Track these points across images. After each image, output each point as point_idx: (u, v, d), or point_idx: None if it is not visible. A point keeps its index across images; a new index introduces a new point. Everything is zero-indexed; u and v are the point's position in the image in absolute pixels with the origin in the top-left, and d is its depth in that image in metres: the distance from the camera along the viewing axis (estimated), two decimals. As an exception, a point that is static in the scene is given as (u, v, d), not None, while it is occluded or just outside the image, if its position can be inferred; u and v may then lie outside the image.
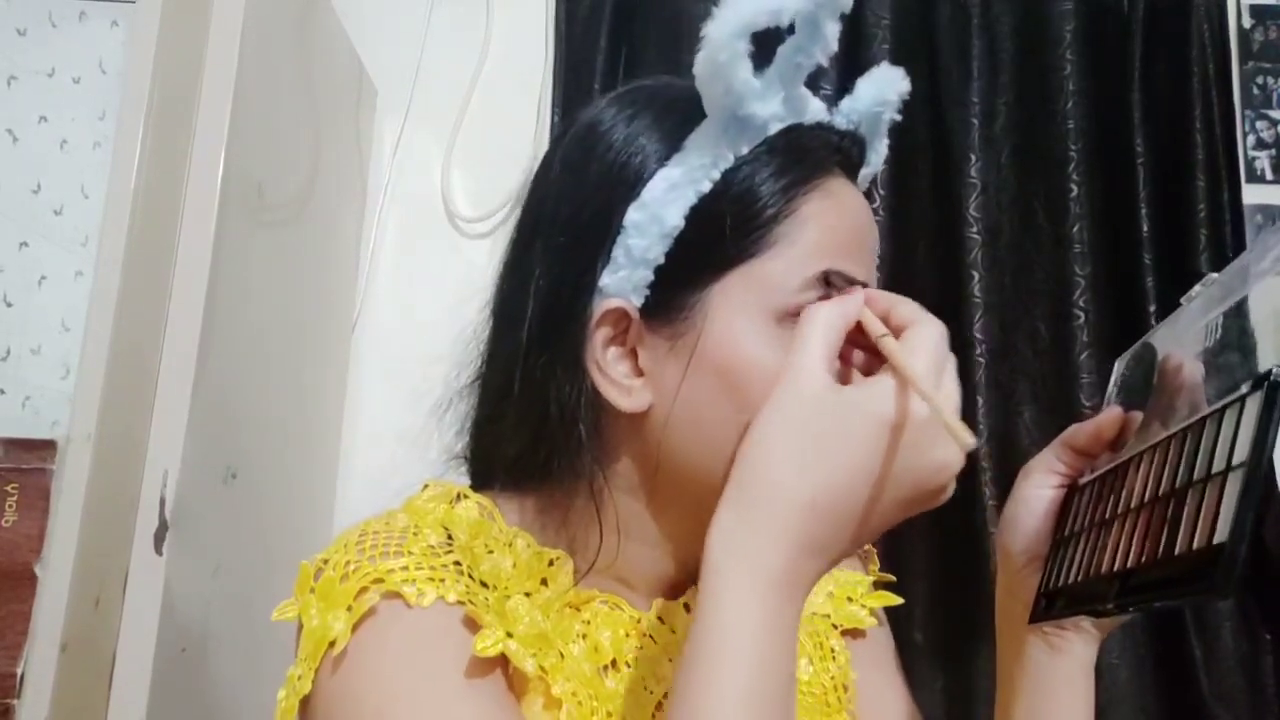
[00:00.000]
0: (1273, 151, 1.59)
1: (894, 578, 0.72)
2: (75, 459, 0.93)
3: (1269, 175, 1.59)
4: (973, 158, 1.49)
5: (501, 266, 0.59)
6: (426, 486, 0.58)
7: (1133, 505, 0.51)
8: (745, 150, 0.52)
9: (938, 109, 1.51)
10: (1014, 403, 1.46)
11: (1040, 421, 1.46)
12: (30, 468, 0.92)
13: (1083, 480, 0.61)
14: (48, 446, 0.93)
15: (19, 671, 0.88)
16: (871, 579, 0.70)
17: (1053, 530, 0.61)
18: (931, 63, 1.53)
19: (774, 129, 0.53)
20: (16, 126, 1.10)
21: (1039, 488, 0.62)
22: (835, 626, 0.66)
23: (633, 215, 0.52)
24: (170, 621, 0.96)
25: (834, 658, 0.64)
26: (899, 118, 0.59)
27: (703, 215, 0.52)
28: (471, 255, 1.57)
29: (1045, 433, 1.45)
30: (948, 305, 1.47)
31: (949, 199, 1.49)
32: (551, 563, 0.56)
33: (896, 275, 1.47)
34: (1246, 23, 1.63)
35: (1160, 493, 0.49)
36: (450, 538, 0.53)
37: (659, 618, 0.57)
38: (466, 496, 0.57)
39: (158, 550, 0.96)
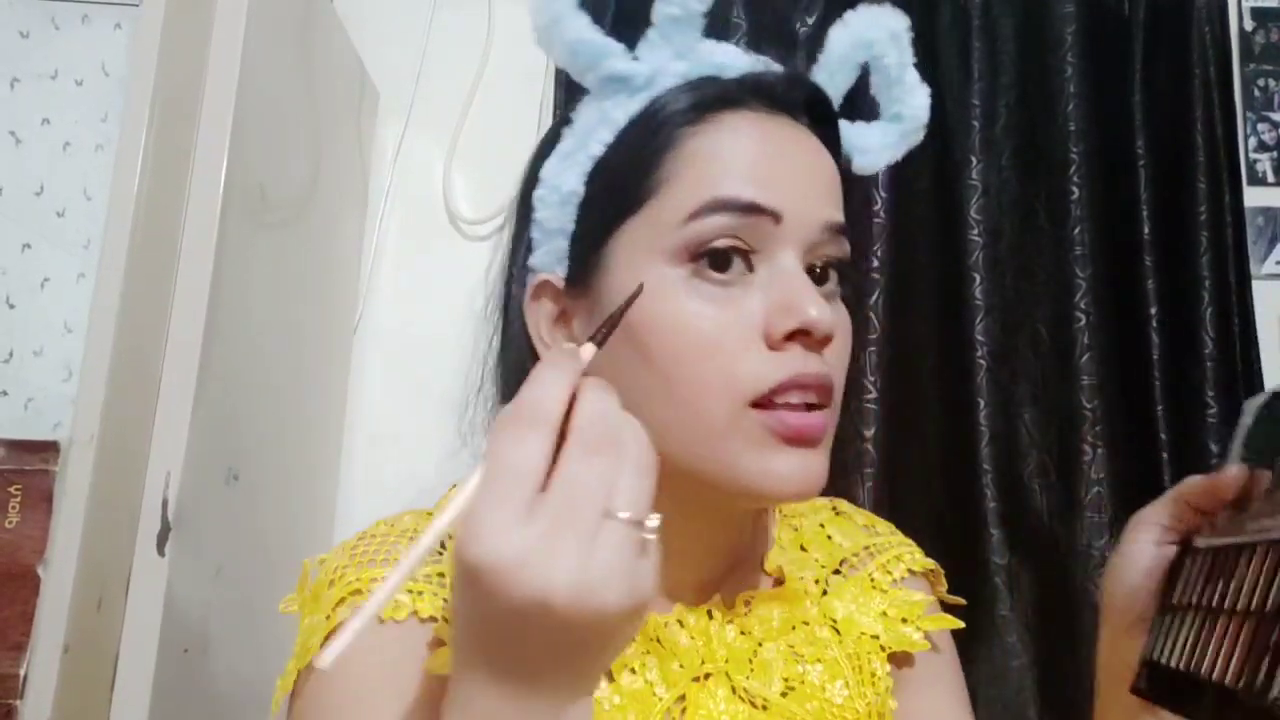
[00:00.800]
0: (1274, 154, 1.59)
1: (962, 601, 0.68)
2: (78, 461, 0.93)
3: (1270, 178, 1.59)
4: (974, 160, 1.49)
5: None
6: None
7: (1239, 605, 0.46)
8: (638, 108, 0.53)
9: (939, 111, 1.50)
10: (1015, 405, 1.46)
11: (1041, 423, 1.46)
12: (33, 469, 0.92)
13: (1198, 541, 0.54)
14: (50, 448, 0.93)
15: (22, 672, 0.88)
16: (931, 600, 0.66)
17: (1160, 590, 0.55)
18: (932, 65, 1.53)
19: (669, 83, 0.53)
20: (19, 129, 1.10)
21: (1147, 543, 0.57)
22: (884, 649, 0.62)
23: (536, 193, 0.56)
24: (172, 622, 0.96)
25: (874, 683, 0.60)
26: (900, 55, 0.58)
27: (598, 175, 0.54)
28: (473, 257, 1.56)
29: (1046, 435, 1.45)
30: (949, 307, 1.47)
31: (950, 201, 1.49)
32: None
33: (898, 277, 1.47)
34: (1248, 25, 1.63)
35: (1269, 606, 0.43)
36: (443, 547, 0.53)
37: (679, 621, 0.56)
38: None
39: (160, 551, 0.96)
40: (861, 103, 0.62)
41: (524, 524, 0.35)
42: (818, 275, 0.53)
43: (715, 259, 0.50)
